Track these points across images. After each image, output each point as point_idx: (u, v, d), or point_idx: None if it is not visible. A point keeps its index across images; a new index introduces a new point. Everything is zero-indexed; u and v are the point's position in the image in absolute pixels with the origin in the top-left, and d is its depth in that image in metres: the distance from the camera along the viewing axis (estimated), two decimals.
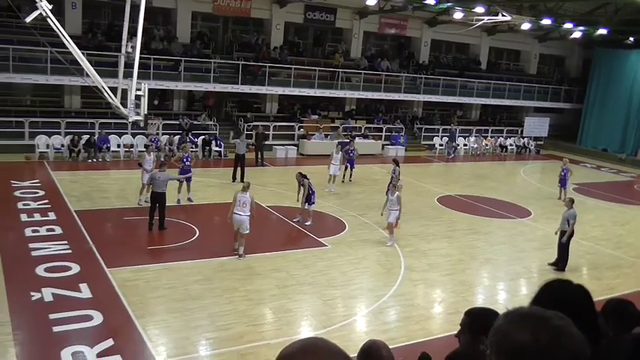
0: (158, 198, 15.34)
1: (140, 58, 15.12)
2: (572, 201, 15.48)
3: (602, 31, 33.00)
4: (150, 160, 18.22)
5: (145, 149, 20.24)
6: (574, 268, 15.26)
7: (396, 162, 21.19)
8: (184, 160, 18.61)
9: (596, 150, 38.61)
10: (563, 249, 15.10)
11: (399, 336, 10.63)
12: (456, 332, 3.49)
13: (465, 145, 34.98)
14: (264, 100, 32.02)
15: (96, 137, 24.54)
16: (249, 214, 13.70)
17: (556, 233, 15.38)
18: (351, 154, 23.66)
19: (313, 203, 17.31)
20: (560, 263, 15.10)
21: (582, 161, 35.17)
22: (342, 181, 23.19)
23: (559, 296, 2.40)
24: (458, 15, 30.16)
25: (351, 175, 23.71)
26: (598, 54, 39.93)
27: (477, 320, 3.27)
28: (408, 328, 11.01)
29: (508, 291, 14.16)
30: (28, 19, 12.97)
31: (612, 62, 38.69)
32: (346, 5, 32.73)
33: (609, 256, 17.00)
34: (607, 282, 14.69)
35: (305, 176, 17.41)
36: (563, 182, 23.29)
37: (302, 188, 17.35)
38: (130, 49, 14.64)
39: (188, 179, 18.57)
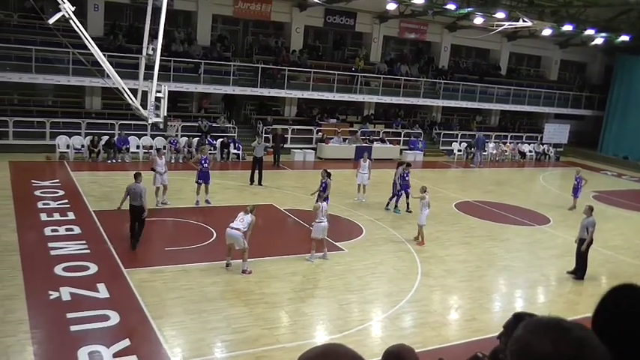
0: (134, 211, 14.10)
1: (160, 60, 15.23)
2: (591, 209, 15.28)
3: (625, 38, 32.68)
4: (162, 163, 18.31)
5: (156, 152, 20.26)
6: (593, 277, 15.10)
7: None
8: (202, 162, 18.69)
9: (617, 158, 38.15)
10: (582, 257, 14.93)
11: (415, 342, 10.54)
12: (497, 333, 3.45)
13: (484, 151, 34.75)
14: (283, 103, 32.11)
15: (115, 138, 24.73)
16: (243, 231, 12.95)
17: (576, 242, 15.21)
18: (407, 177, 20.01)
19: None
20: (579, 272, 14.93)
21: (603, 169, 34.81)
22: (409, 211, 19.84)
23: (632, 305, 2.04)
24: (478, 20, 30.02)
25: (408, 204, 19.98)
26: (620, 61, 39.52)
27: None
28: (424, 335, 10.94)
29: (526, 299, 14.03)
30: (51, 21, 13.13)
31: (634, 69, 38.22)
32: (366, 10, 32.72)
33: (630, 266, 16.77)
34: None
35: (329, 175, 17.40)
36: (575, 191, 22.96)
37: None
38: (150, 51, 14.76)
39: (207, 181, 18.65)
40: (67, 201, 17.61)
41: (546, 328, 1.75)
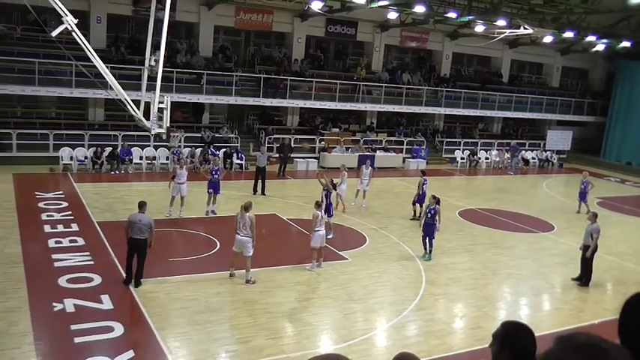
0: (138, 245, 12.32)
1: (163, 71, 15.27)
2: (595, 215, 15.27)
3: (626, 44, 32.75)
4: (182, 174, 18.36)
5: (177, 162, 20.44)
6: (598, 284, 15.06)
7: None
8: (213, 172, 18.80)
9: (620, 163, 38.13)
10: (587, 264, 14.89)
11: (420, 351, 10.51)
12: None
13: (487, 158, 34.78)
14: (285, 113, 32.18)
15: (119, 149, 24.78)
16: (250, 234, 13.08)
17: (580, 248, 15.17)
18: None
19: (332, 216, 17.25)
20: (584, 278, 14.90)
21: (606, 175, 34.75)
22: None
23: None
24: (479, 28, 30.09)
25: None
26: (621, 67, 39.56)
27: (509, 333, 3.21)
28: (428, 343, 10.90)
29: (531, 306, 13.98)
30: (54, 34, 13.16)
31: (636, 75, 38.27)
32: (367, 19, 32.80)
33: (634, 272, 16.71)
34: None
35: (334, 185, 17.44)
36: (583, 196, 23.01)
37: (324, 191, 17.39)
38: (153, 63, 14.80)
39: (217, 191, 18.84)
40: (70, 212, 17.63)
41: (582, 349, 1.71)
